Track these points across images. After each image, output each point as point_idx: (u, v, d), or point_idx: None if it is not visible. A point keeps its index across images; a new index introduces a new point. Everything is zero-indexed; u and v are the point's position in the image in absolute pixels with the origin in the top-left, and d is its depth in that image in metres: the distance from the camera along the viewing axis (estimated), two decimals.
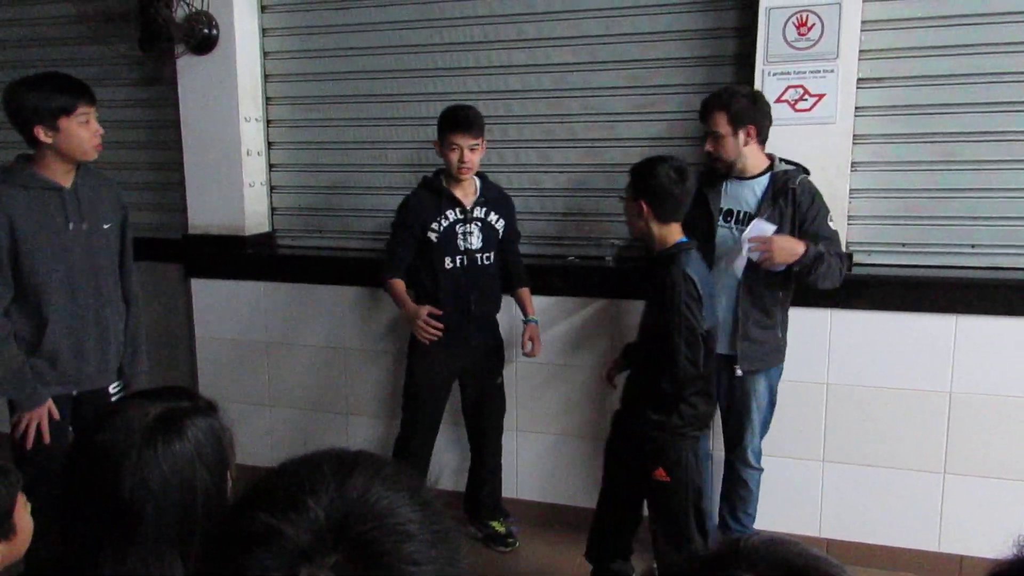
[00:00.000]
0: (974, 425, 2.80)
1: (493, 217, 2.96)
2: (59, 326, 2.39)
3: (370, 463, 0.70)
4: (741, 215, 2.65)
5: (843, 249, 2.65)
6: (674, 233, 2.44)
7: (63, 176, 2.38)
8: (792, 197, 2.57)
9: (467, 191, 2.92)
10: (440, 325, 2.79)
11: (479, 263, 2.93)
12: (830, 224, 2.59)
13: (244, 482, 0.76)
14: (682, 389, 2.37)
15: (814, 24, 2.72)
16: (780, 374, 2.76)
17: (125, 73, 3.63)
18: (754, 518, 2.84)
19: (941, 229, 2.86)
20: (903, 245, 2.86)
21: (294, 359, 3.58)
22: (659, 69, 3.06)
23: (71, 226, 2.40)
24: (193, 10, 3.33)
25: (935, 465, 2.86)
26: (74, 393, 2.47)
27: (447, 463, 3.39)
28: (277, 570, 0.63)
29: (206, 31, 3.36)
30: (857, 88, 2.77)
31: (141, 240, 2.80)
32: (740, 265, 2.58)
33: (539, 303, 3.17)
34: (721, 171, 2.67)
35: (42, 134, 2.29)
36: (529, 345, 2.99)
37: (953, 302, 2.76)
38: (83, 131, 2.33)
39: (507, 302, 3.09)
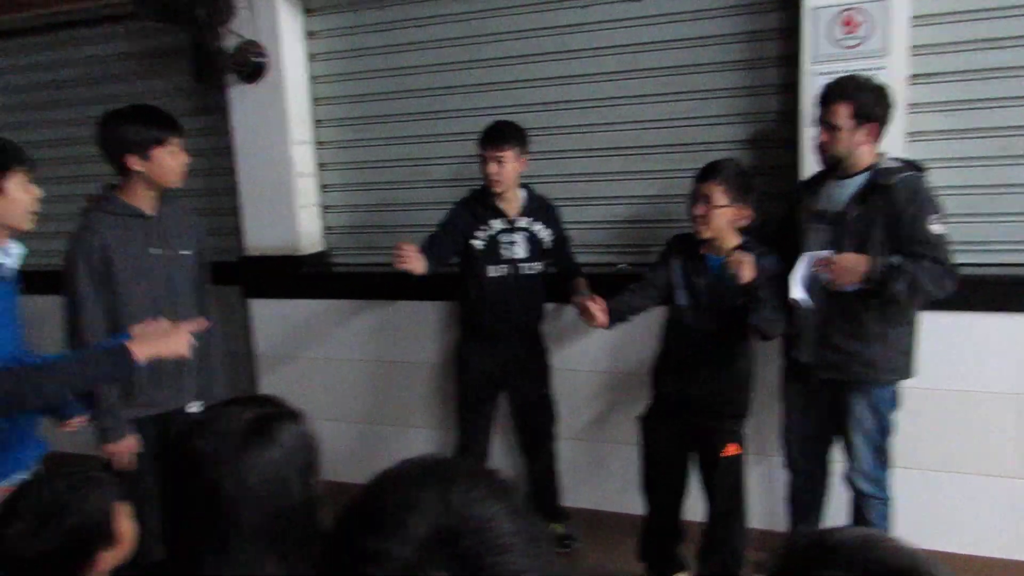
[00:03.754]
0: None
1: (538, 227, 3.00)
2: None
3: (468, 474, 0.72)
4: (829, 215, 2.48)
5: (946, 256, 2.34)
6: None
7: (148, 204, 2.49)
8: (888, 194, 2.34)
9: (511, 202, 2.97)
10: (412, 250, 2.69)
11: (523, 272, 2.97)
12: (933, 228, 2.31)
13: (344, 497, 0.76)
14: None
15: (861, 22, 2.68)
16: (892, 399, 2.53)
17: (179, 104, 3.72)
18: None
19: (1001, 226, 2.79)
20: (962, 243, 2.78)
21: (351, 373, 3.65)
22: (701, 74, 3.05)
23: (152, 252, 2.49)
24: (243, 40, 3.43)
25: (1010, 470, 2.77)
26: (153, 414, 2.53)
27: (509, 470, 3.41)
28: None
29: (256, 60, 3.46)
30: (909, 85, 2.73)
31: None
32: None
33: None
34: (825, 165, 2.51)
35: (134, 163, 2.40)
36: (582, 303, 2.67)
37: (1018, 300, 2.69)
38: (172, 160, 2.46)
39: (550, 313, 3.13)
